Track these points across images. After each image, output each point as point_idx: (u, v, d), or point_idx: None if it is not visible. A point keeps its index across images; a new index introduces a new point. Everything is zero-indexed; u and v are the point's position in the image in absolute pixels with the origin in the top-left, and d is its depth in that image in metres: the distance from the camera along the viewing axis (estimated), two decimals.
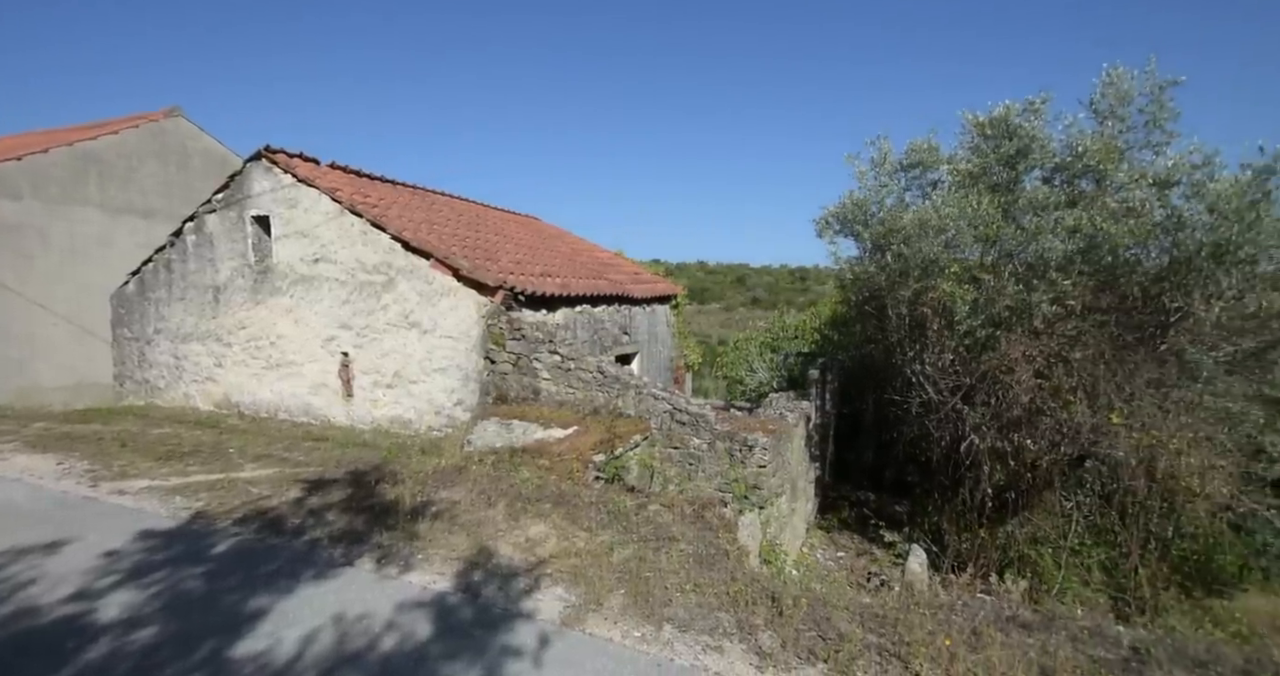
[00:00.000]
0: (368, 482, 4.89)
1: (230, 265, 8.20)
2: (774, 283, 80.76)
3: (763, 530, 5.33)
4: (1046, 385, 5.40)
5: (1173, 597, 7.04)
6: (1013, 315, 5.58)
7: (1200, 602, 7.00)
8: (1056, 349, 5.35)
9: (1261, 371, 5.71)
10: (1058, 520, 7.11)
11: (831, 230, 8.06)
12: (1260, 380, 5.74)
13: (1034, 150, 5.73)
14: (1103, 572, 7.22)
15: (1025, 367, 5.28)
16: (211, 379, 8.52)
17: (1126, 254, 5.85)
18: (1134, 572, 6.75)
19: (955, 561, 7.03)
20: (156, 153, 12.22)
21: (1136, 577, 6.72)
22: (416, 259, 7.20)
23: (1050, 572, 7.27)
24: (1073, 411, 5.24)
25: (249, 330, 8.17)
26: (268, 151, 7.78)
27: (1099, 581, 7.18)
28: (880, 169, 7.43)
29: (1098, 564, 7.16)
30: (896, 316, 7.10)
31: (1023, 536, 6.97)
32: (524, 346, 6.83)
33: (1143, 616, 6.61)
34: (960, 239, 5.52)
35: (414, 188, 10.43)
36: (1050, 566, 7.25)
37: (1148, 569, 6.51)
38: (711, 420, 5.88)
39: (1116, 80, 6.11)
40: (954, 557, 7.08)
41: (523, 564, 3.61)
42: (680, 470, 6.06)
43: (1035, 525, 7.03)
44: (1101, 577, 7.10)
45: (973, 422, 5.93)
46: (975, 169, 5.98)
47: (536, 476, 4.94)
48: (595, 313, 9.38)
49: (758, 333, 15.51)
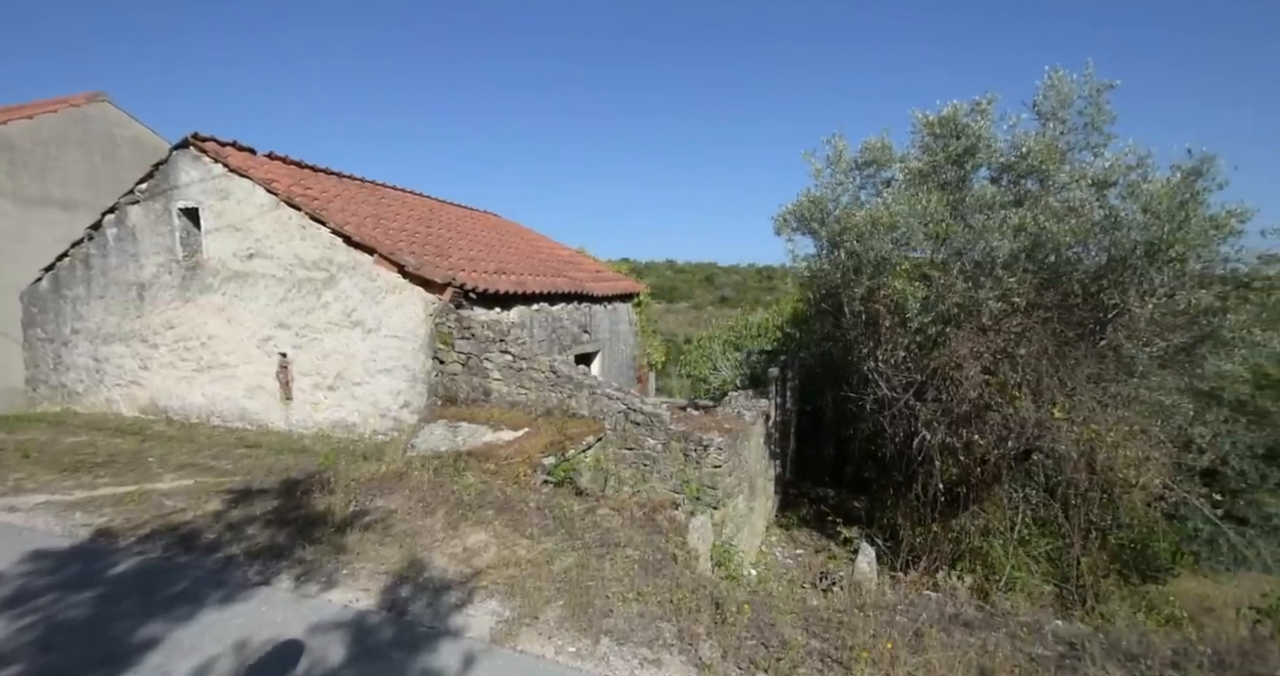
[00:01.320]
0: (298, 492, 4.58)
1: (156, 260, 7.65)
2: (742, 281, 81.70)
3: (717, 531, 5.24)
4: (993, 381, 5.49)
5: (1113, 584, 7.31)
6: (961, 312, 5.65)
7: (1137, 588, 7.29)
8: (1003, 345, 5.44)
9: (1191, 365, 5.94)
10: (1006, 512, 7.28)
11: (789, 228, 8.06)
12: (1190, 374, 5.98)
13: (980, 149, 5.82)
14: (1048, 562, 7.45)
15: (973, 364, 5.35)
16: (136, 382, 7.94)
17: (1068, 253, 6.00)
18: (1076, 562, 6.97)
19: (909, 556, 7.13)
20: (79, 140, 11.35)
21: (1079, 567, 6.95)
22: (359, 254, 6.85)
23: (1000, 564, 7.46)
24: (1018, 407, 5.34)
25: (177, 330, 7.64)
26: (196, 139, 7.28)
27: (1045, 571, 7.39)
28: (836, 167, 7.45)
29: (1043, 554, 7.38)
30: (852, 314, 7.14)
31: (974, 529, 7.12)
32: (474, 346, 6.57)
33: (1083, 606, 6.83)
34: (911, 236, 5.55)
35: (363, 181, 9.99)
36: (1000, 558, 7.43)
37: (1089, 557, 6.72)
38: (666, 420, 5.76)
39: (1057, 83, 6.26)
40: (908, 552, 7.18)
41: (457, 576, 3.40)
42: (635, 471, 5.92)
43: (985, 518, 7.19)
44: (1047, 567, 7.32)
45: (924, 418, 5.99)
46: (925, 167, 6.04)
47: (481, 481, 4.72)
48: (553, 311, 9.16)
49: (721, 331, 15.53)
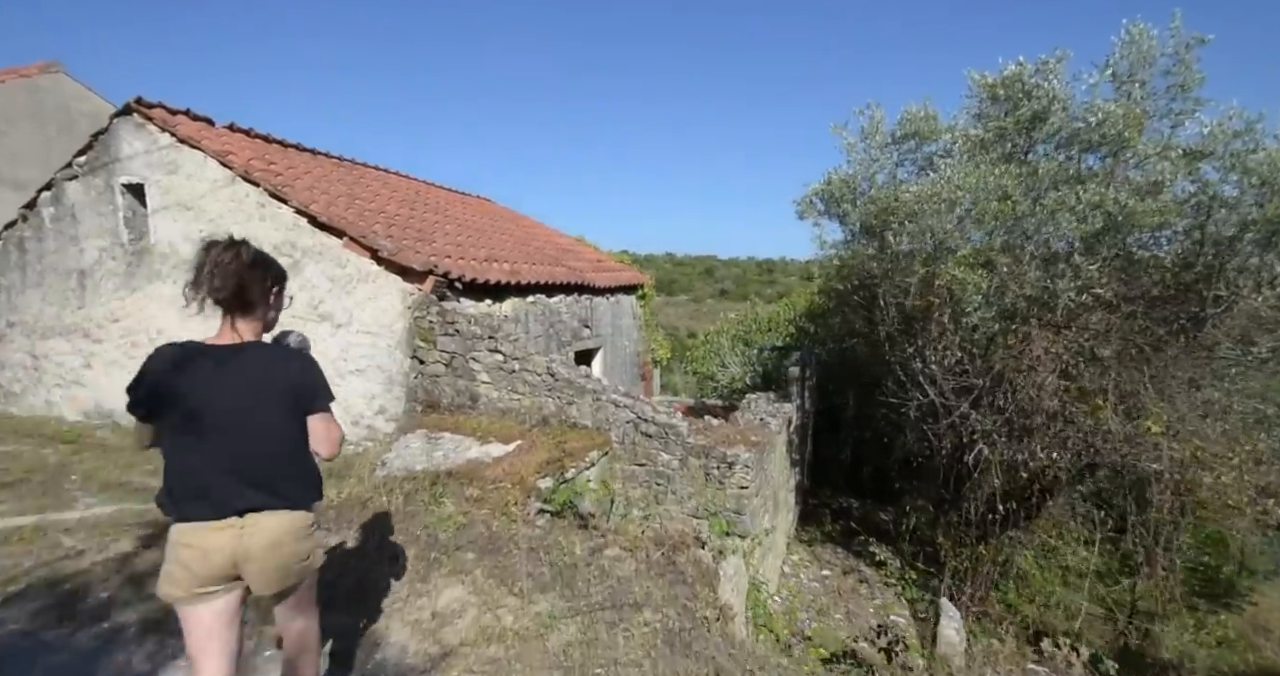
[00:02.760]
0: None
1: (98, 244, 6.72)
2: (742, 274, 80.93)
3: (747, 567, 4.40)
4: (1072, 387, 4.64)
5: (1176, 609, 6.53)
6: (1030, 306, 4.79)
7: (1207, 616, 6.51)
8: (1084, 345, 4.59)
9: None
10: (1060, 531, 6.48)
11: (815, 211, 7.16)
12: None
13: (1054, 113, 4.92)
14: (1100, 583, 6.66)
15: (1049, 367, 4.50)
16: (78, 382, 7.03)
17: (1150, 235, 5.14)
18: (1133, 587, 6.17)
19: (954, 580, 6.31)
20: (31, 113, 10.37)
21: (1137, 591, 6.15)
22: (327, 238, 5.93)
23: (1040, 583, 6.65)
24: (1101, 417, 4.50)
25: (124, 323, 6.73)
26: (140, 104, 6.32)
27: (1100, 595, 6.60)
28: (871, 140, 6.54)
29: (1094, 575, 6.58)
30: (893, 307, 6.27)
31: (1026, 550, 6.32)
32: (459, 343, 5.69)
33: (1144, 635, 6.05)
34: (980, 215, 4.67)
35: (340, 159, 9.04)
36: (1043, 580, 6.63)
37: (1154, 581, 5.92)
38: (684, 432, 4.90)
39: (1137, 38, 5.35)
40: (951, 576, 6.36)
41: (418, 660, 2.54)
42: (646, 491, 5.07)
43: (1037, 537, 6.39)
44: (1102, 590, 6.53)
45: (982, 429, 5.14)
46: (989, 136, 5.14)
47: (461, 512, 3.85)
48: (551, 303, 8.26)
49: (729, 325, 14.65)
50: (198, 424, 1.68)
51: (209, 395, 1.68)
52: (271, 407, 1.75)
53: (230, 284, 1.72)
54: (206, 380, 1.69)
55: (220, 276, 1.71)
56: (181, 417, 1.68)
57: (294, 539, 1.76)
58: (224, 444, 1.70)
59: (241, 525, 1.69)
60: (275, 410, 1.76)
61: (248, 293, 1.77)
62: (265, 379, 1.75)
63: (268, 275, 1.85)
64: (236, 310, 1.77)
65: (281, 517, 1.75)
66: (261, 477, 1.73)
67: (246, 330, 1.79)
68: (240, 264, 1.75)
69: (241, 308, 1.77)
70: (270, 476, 1.75)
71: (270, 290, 1.86)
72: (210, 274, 1.71)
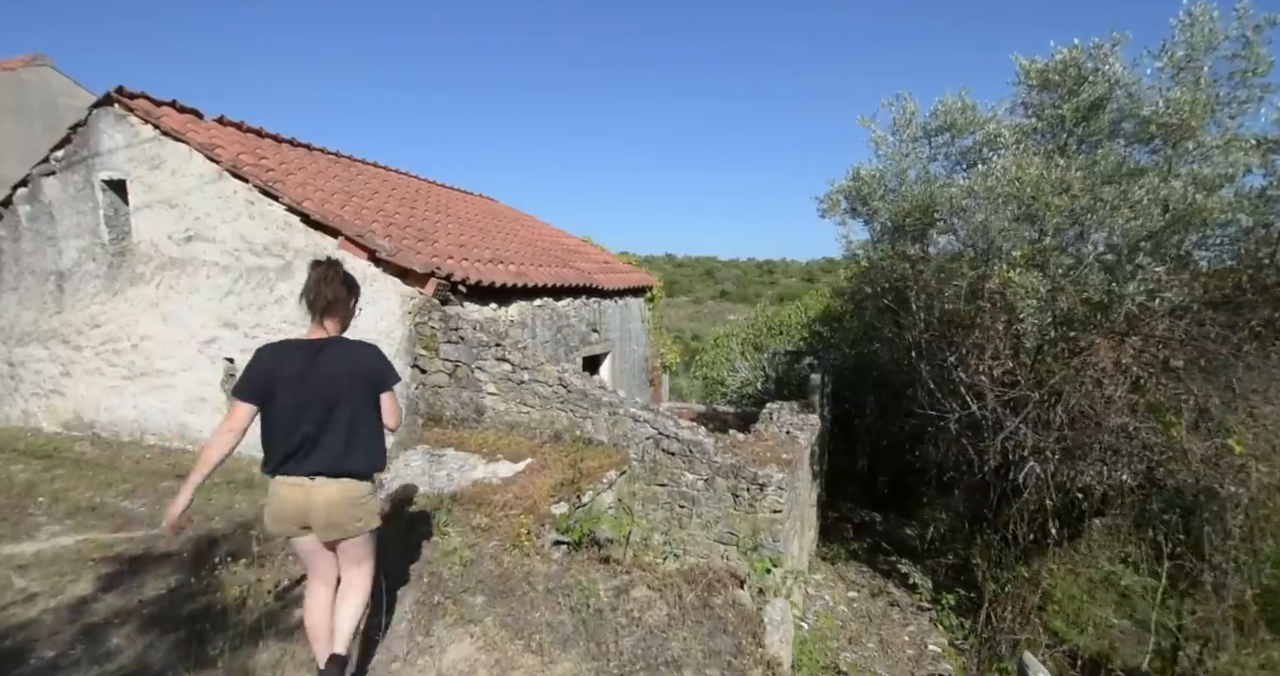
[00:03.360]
0: (213, 560, 3.28)
1: (77, 245, 6.30)
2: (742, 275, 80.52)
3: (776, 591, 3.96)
4: (1140, 402, 4.22)
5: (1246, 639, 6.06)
6: (1092, 312, 4.37)
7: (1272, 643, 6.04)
8: (1160, 355, 4.16)
9: None
10: (1109, 553, 6.05)
11: (840, 209, 6.74)
12: None
13: (1115, 100, 4.49)
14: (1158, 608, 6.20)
15: (1118, 379, 4.07)
16: (57, 391, 6.61)
17: (1219, 233, 4.71)
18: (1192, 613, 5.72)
19: (991, 608, 5.87)
20: (15, 109, 9.96)
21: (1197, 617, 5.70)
22: (321, 237, 5.51)
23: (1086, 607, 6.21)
24: (1175, 435, 4.07)
25: (104, 329, 6.31)
26: (122, 94, 5.91)
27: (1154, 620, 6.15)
28: (903, 133, 6.13)
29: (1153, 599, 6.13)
30: (923, 311, 5.85)
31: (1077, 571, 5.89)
32: (464, 351, 5.27)
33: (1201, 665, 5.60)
34: (1041, 212, 4.24)
35: (336, 155, 8.62)
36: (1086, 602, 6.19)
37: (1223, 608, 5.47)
38: (710, 450, 4.46)
39: (1200, 19, 4.93)
40: (990, 601, 5.92)
41: None
42: (668, 514, 4.64)
43: (1085, 558, 5.95)
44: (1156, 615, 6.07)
45: (1033, 445, 4.71)
46: (1042, 126, 4.71)
47: (469, 545, 3.42)
48: (559, 307, 7.84)
49: (739, 328, 14.22)
50: (296, 401, 2.11)
51: (307, 378, 2.12)
52: (356, 388, 2.19)
53: (329, 293, 2.21)
54: (305, 366, 2.13)
55: (326, 288, 2.20)
56: (285, 395, 2.10)
57: (348, 503, 2.15)
58: (312, 418, 2.11)
59: (310, 485, 2.11)
60: (358, 390, 2.19)
61: (338, 300, 2.25)
62: (350, 364, 2.20)
63: (351, 288, 2.33)
64: (328, 313, 2.23)
65: (342, 484, 2.14)
66: (335, 449, 2.13)
67: (332, 328, 2.26)
68: (337, 279, 2.24)
69: (332, 311, 2.24)
70: (342, 449, 2.14)
71: (351, 299, 2.33)
72: (318, 285, 2.20)
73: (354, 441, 2.16)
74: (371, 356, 2.27)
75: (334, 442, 2.12)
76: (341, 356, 2.19)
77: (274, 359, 2.15)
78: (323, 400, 2.12)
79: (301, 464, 2.10)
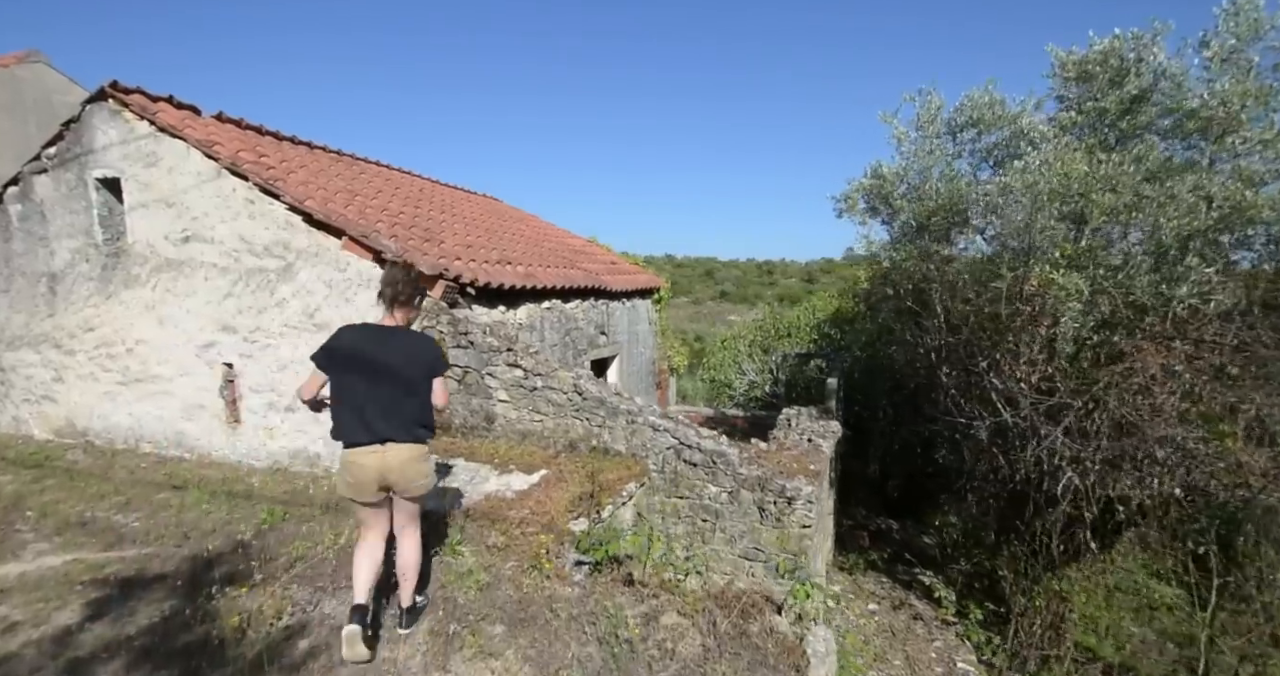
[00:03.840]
0: (210, 582, 3.06)
1: (70, 245, 6.07)
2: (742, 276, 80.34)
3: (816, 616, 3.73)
4: (1192, 411, 4.00)
5: None
6: (1138, 315, 4.15)
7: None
8: (1216, 361, 3.94)
9: None
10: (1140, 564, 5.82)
11: (860, 208, 6.52)
12: None
13: (1160, 92, 4.27)
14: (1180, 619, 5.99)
15: (1168, 385, 3.85)
16: (49, 397, 6.37)
17: (1263, 231, 4.49)
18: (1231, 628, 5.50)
19: (1020, 623, 5.65)
20: (9, 106, 9.73)
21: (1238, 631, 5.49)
22: (324, 237, 5.28)
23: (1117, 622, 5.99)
24: (1230, 448, 3.85)
25: (98, 333, 6.08)
26: (116, 89, 5.68)
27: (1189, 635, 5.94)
28: (928, 129, 5.91)
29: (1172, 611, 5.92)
30: (950, 313, 5.63)
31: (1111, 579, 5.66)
32: (473, 357, 5.04)
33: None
34: (1088, 208, 4.01)
35: (338, 153, 8.40)
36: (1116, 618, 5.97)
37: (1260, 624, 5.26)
38: (735, 461, 4.24)
39: (1243, 8, 4.72)
40: (1019, 617, 5.70)
41: None
42: (689, 528, 4.41)
43: (1118, 571, 5.73)
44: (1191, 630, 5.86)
45: (1071, 454, 4.49)
46: (1083, 120, 4.49)
47: (484, 565, 3.20)
48: (567, 309, 7.62)
49: (747, 330, 14.00)
50: (367, 376, 2.50)
51: (378, 357, 2.52)
52: (415, 371, 2.58)
53: (405, 292, 2.64)
54: (377, 348, 2.54)
55: (405, 287, 2.64)
56: (357, 371, 2.51)
57: (416, 461, 2.57)
58: (382, 393, 2.51)
59: (384, 450, 2.50)
60: (417, 373, 2.58)
61: (410, 299, 2.67)
62: (414, 351, 2.60)
63: (419, 287, 2.76)
64: (398, 306, 2.65)
65: (410, 447, 2.55)
66: (401, 419, 2.53)
67: (401, 319, 2.68)
68: (411, 282, 2.68)
69: (404, 305, 2.66)
70: (406, 419, 2.54)
71: (416, 297, 2.73)
72: (396, 283, 2.64)
73: (416, 414, 2.58)
74: (431, 347, 2.72)
75: (400, 414, 2.54)
76: (406, 344, 2.62)
77: (352, 338, 2.60)
78: (390, 379, 2.53)
79: (375, 432, 2.49)
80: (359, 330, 2.63)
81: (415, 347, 2.62)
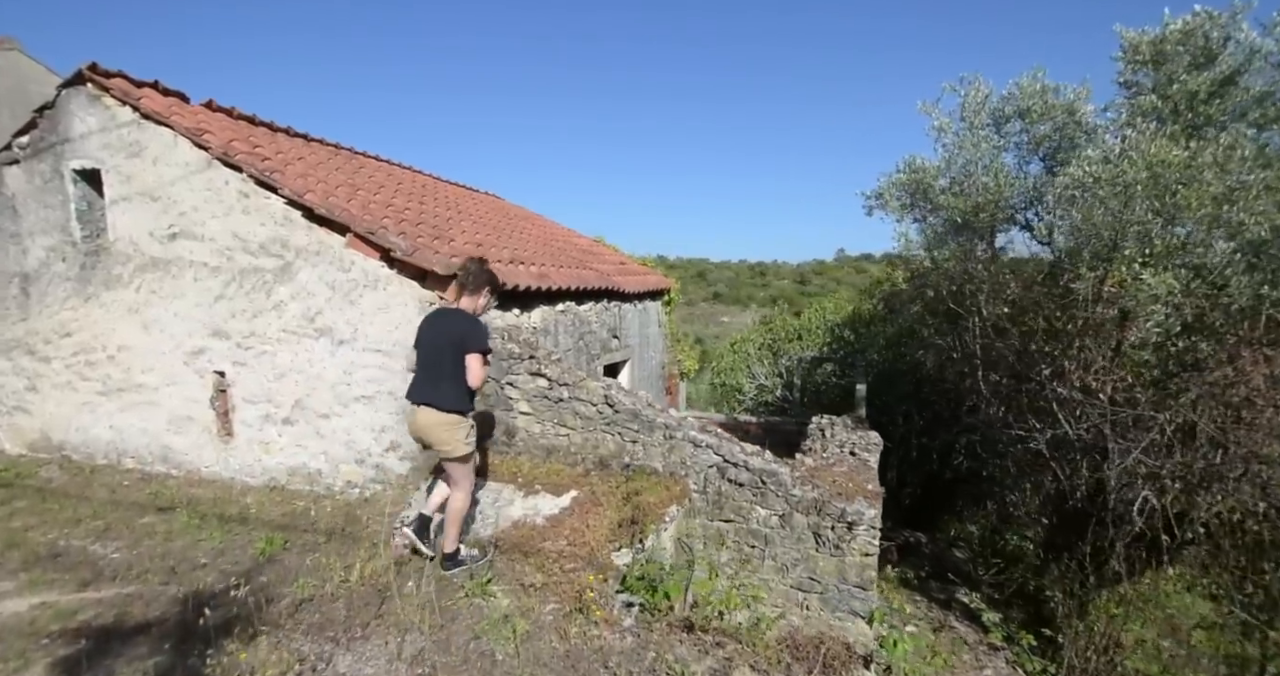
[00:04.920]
0: (199, 633, 2.61)
1: (44, 243, 5.57)
2: (735, 277, 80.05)
3: None
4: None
5: None
6: (1229, 320, 3.79)
7: None
8: None
9: None
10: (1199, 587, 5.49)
11: (897, 204, 6.15)
12: None
13: (1252, 73, 3.91)
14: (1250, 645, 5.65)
15: (1272, 397, 3.50)
16: (22, 408, 5.86)
17: None
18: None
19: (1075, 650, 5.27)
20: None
21: None
22: (327, 234, 4.83)
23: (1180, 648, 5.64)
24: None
25: (76, 338, 5.58)
26: (94, 72, 5.19)
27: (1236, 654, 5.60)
28: (973, 120, 5.55)
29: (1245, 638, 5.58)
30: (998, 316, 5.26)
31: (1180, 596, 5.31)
32: (492, 365, 4.60)
33: None
34: (1186, 201, 3.63)
35: (336, 146, 7.92)
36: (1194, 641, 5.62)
37: None
38: (787, 481, 3.82)
39: None
40: (1072, 642, 5.32)
41: None
42: (734, 555, 3.99)
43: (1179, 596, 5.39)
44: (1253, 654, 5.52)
45: (1146, 471, 4.12)
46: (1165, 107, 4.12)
47: (520, 609, 2.77)
48: (580, 311, 7.20)
49: (757, 333, 13.62)
50: (423, 349, 3.19)
51: (427, 333, 3.20)
52: (450, 345, 3.07)
53: (476, 281, 3.25)
54: (429, 325, 3.22)
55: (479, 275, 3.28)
56: (420, 345, 3.22)
57: (441, 427, 3.04)
58: (429, 363, 3.14)
59: (415, 410, 3.13)
60: (450, 347, 3.07)
61: (476, 285, 3.25)
62: (450, 328, 3.12)
63: (489, 279, 3.32)
64: (465, 291, 3.24)
65: (435, 412, 3.04)
66: (434, 387, 3.08)
67: (466, 304, 3.24)
68: (481, 270, 3.33)
69: (468, 291, 3.24)
70: (439, 388, 3.06)
71: (484, 287, 3.28)
72: (467, 269, 3.31)
73: (446, 386, 3.03)
74: (463, 324, 3.12)
75: (435, 382, 3.04)
76: (449, 322, 3.12)
77: (426, 318, 3.25)
78: (434, 352, 3.08)
79: (416, 395, 3.10)
80: (432, 312, 3.28)
81: (452, 325, 3.09)
